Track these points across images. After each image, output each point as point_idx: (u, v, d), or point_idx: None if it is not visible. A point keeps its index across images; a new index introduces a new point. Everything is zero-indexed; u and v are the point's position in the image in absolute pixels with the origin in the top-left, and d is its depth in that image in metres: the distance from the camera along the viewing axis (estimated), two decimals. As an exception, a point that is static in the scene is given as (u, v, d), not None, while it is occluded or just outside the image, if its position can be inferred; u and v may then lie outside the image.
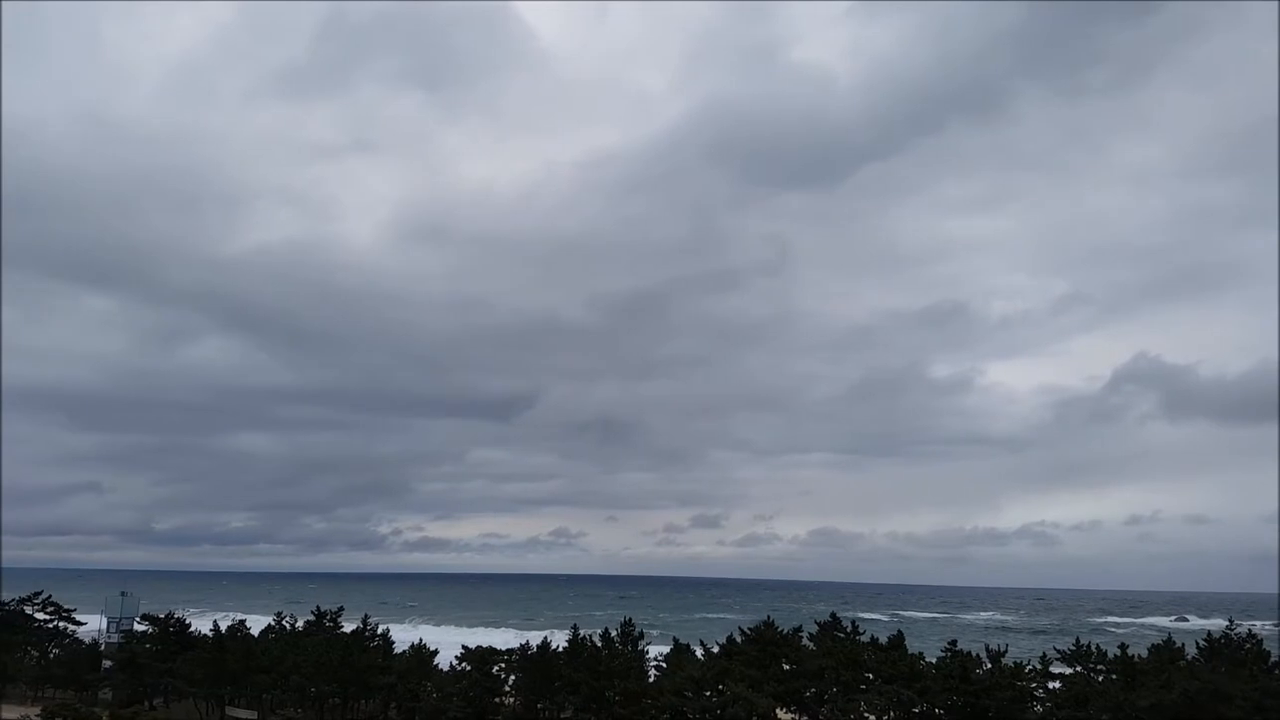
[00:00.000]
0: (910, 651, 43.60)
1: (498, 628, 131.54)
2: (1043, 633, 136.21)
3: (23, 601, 69.28)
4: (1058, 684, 39.97)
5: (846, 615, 51.67)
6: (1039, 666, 41.02)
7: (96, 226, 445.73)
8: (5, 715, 49.21)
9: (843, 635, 46.07)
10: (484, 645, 49.46)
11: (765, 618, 47.08)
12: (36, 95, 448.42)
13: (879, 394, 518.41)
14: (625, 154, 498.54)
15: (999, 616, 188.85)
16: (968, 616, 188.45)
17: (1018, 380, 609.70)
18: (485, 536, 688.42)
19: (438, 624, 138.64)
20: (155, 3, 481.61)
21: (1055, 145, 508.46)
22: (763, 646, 43.58)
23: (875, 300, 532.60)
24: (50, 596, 70.60)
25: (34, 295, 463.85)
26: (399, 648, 52.67)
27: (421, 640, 52.94)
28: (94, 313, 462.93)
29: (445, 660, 51.06)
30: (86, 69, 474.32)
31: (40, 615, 68.63)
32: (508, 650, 48.47)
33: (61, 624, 68.61)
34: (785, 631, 45.38)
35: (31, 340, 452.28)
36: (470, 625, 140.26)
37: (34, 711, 49.40)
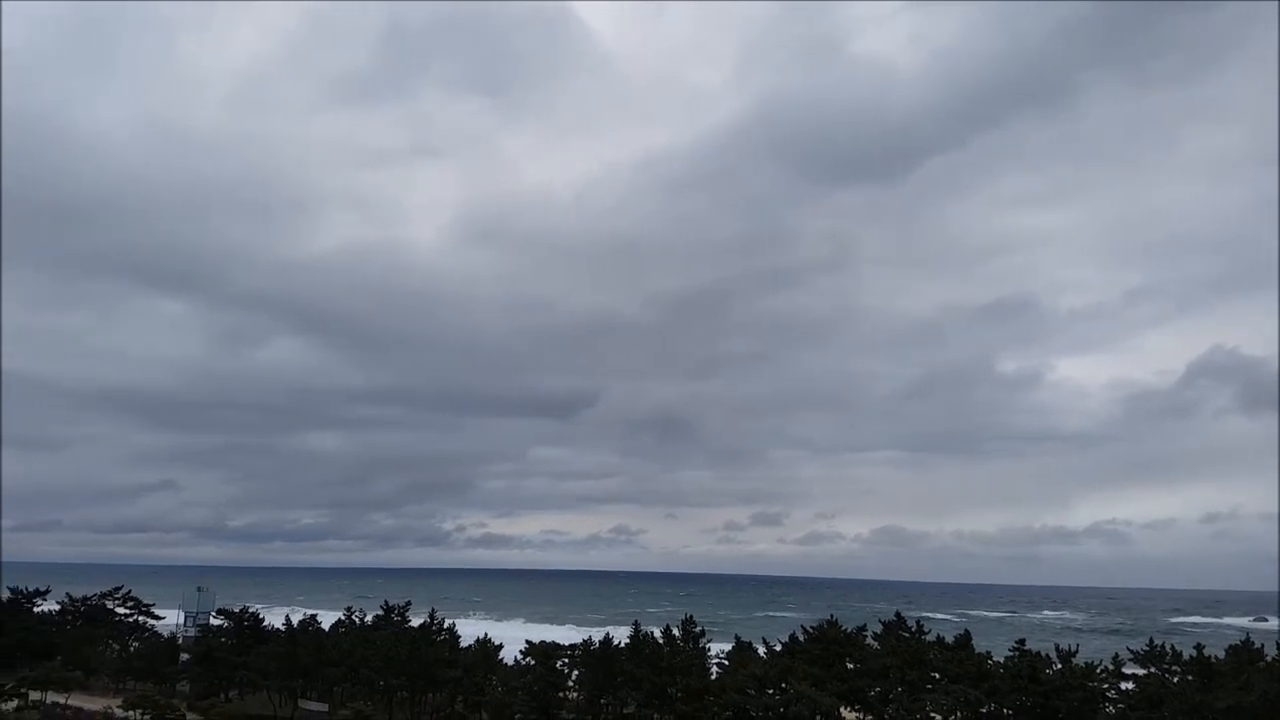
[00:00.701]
0: (977, 651, 42.97)
1: (560, 624, 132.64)
2: (1114, 633, 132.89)
3: (104, 596, 71.82)
4: (1131, 685, 39.06)
5: (911, 614, 51.05)
6: (1111, 667, 40.14)
7: (169, 233, 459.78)
8: (88, 706, 50.95)
9: (908, 634, 45.57)
10: (547, 640, 50.03)
11: (828, 616, 46.77)
12: (110, 107, 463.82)
13: (944, 390, 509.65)
14: (682, 152, 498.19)
15: (1068, 616, 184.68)
16: (1036, 616, 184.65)
17: (1088, 375, 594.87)
18: (547, 533, 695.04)
19: (501, 619, 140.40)
20: (223, 15, 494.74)
21: (1123, 136, 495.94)
22: (826, 645, 43.34)
23: (939, 295, 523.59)
24: (130, 592, 73.09)
25: (110, 300, 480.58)
26: (464, 642, 53.50)
27: (486, 635, 53.63)
28: (168, 316, 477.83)
29: (510, 655, 51.72)
30: (157, 80, 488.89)
31: (121, 610, 71.10)
32: (571, 646, 48.89)
33: (141, 618, 71.01)
34: (849, 630, 45.05)
35: (108, 343, 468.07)
36: (533, 620, 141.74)
37: (115, 703, 51.18)
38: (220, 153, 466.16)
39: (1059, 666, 39.89)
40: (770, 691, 40.39)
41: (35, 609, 68.67)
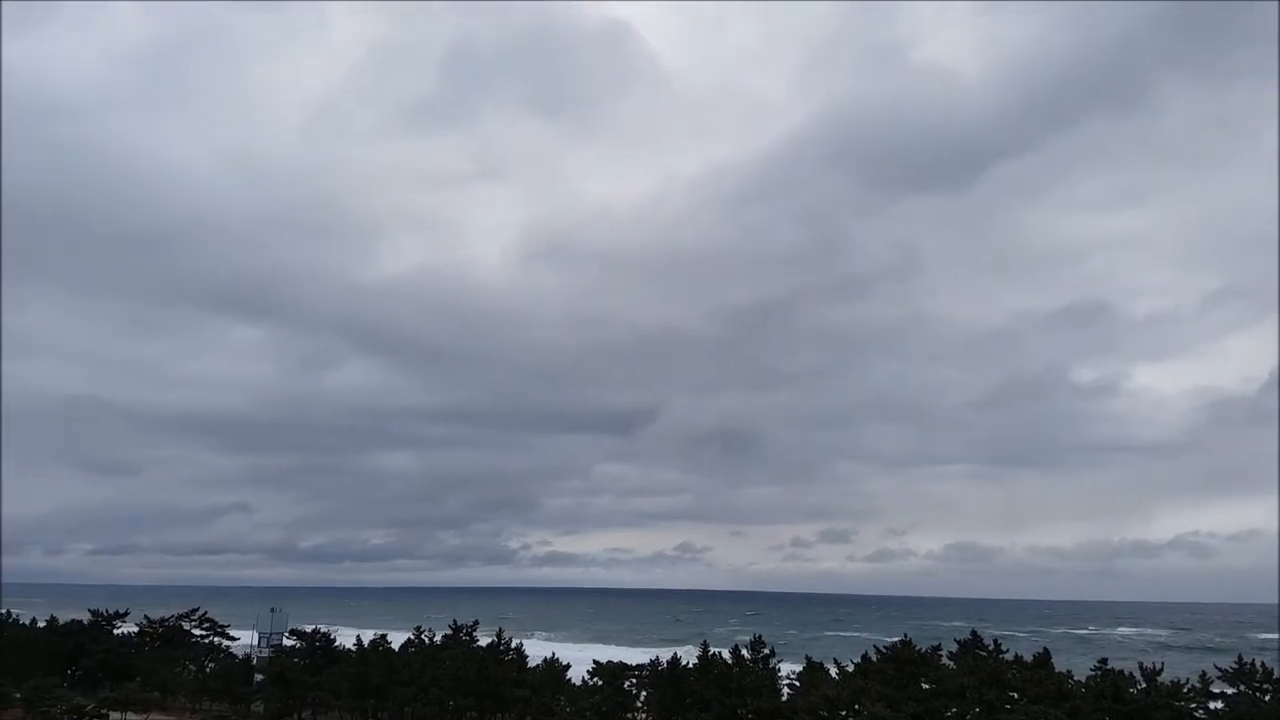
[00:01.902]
0: (1057, 670, 41.50)
1: (626, 643, 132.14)
2: (1200, 650, 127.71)
3: (181, 618, 73.45)
4: (1219, 704, 37.42)
5: (987, 632, 49.57)
6: (1199, 685, 38.39)
7: (244, 260, 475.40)
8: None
9: (985, 653, 44.20)
10: (615, 660, 49.74)
11: (902, 635, 45.57)
12: (185, 139, 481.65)
13: (1017, 400, 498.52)
14: (744, 164, 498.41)
15: (1150, 632, 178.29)
16: (1117, 633, 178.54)
17: (1167, 383, 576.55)
18: (611, 551, 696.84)
19: (567, 638, 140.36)
20: (292, 47, 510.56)
21: (1201, 134, 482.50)
22: (900, 665, 42.19)
23: (1011, 302, 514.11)
24: (206, 613, 74.68)
25: (188, 327, 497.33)
26: (531, 662, 53.42)
27: (554, 654, 53.53)
28: (243, 342, 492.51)
29: (577, 675, 51.52)
30: (230, 112, 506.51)
31: (197, 631, 72.59)
32: (638, 666, 48.53)
33: (217, 639, 72.39)
34: (923, 649, 43.84)
35: (185, 370, 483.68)
36: (598, 640, 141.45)
37: (194, 721, 52.23)
38: (292, 180, 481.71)
39: (1143, 685, 38.30)
40: (843, 713, 39.55)
41: (115, 631, 70.46)
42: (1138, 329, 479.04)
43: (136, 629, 71.89)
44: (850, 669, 44.28)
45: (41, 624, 74.84)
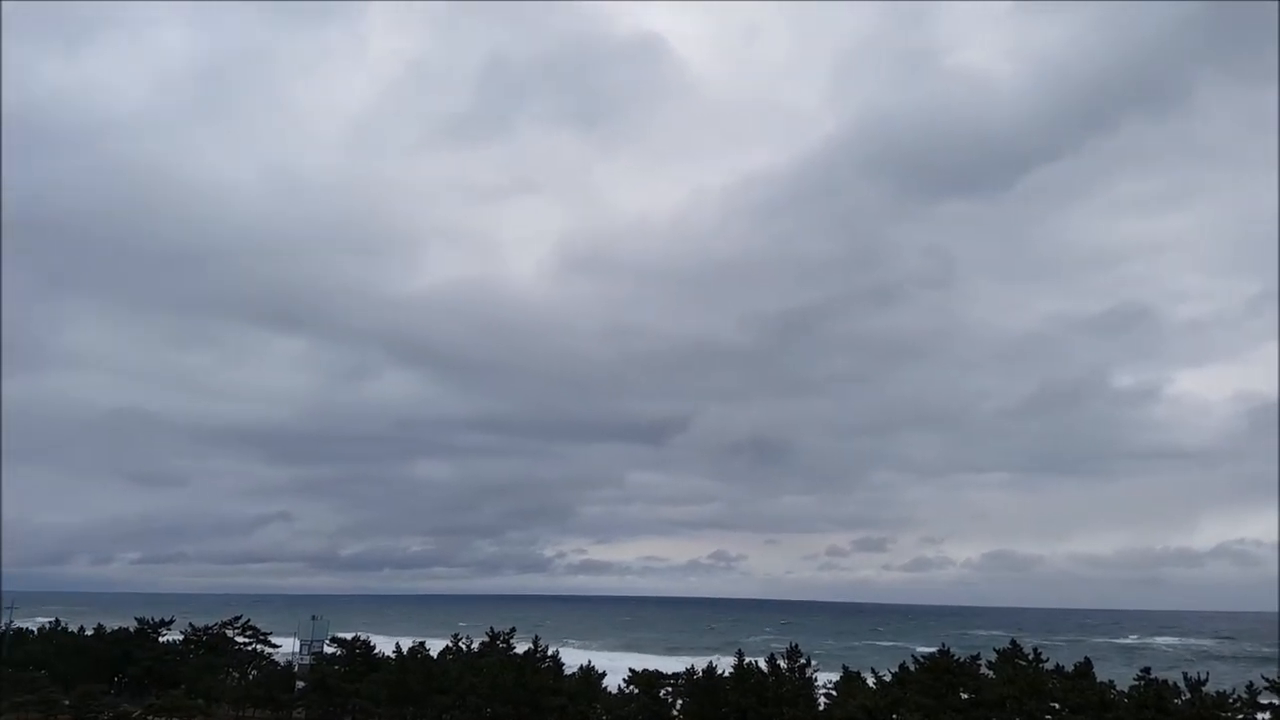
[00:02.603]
0: (1099, 679, 41.03)
1: (659, 652, 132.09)
2: (1247, 659, 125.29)
3: (224, 626, 74.46)
4: (1266, 715, 36.69)
5: (1026, 641, 49.06)
6: (1245, 696, 37.74)
7: (286, 274, 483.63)
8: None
9: (1024, 662, 43.81)
10: (650, 669, 49.91)
11: (940, 644, 45.32)
12: (229, 157, 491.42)
13: (1056, 407, 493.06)
14: (777, 173, 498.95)
15: (1194, 642, 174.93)
16: (1160, 642, 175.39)
17: (1210, 388, 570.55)
18: (646, 559, 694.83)
19: (602, 646, 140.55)
20: (331, 64, 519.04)
21: (1243, 135, 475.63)
22: (938, 674, 41.95)
23: (1049, 308, 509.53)
24: (248, 621, 75.68)
25: (231, 340, 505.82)
26: (567, 670, 53.70)
27: (590, 663, 53.79)
28: (285, 354, 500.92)
29: (612, 683, 51.74)
30: (271, 129, 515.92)
31: (240, 639, 73.59)
32: (673, 674, 48.64)
33: (259, 647, 73.34)
34: (962, 659, 43.56)
35: (229, 382, 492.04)
36: (633, 649, 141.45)
37: (238, 728, 53.08)
38: (332, 196, 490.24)
39: (1188, 696, 37.72)
40: (881, 722, 39.39)
41: (161, 638, 71.60)
42: (1179, 333, 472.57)
43: (181, 637, 72.93)
44: (888, 678, 44.11)
45: (89, 632, 76.38)
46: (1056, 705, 39.04)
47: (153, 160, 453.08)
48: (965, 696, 41.04)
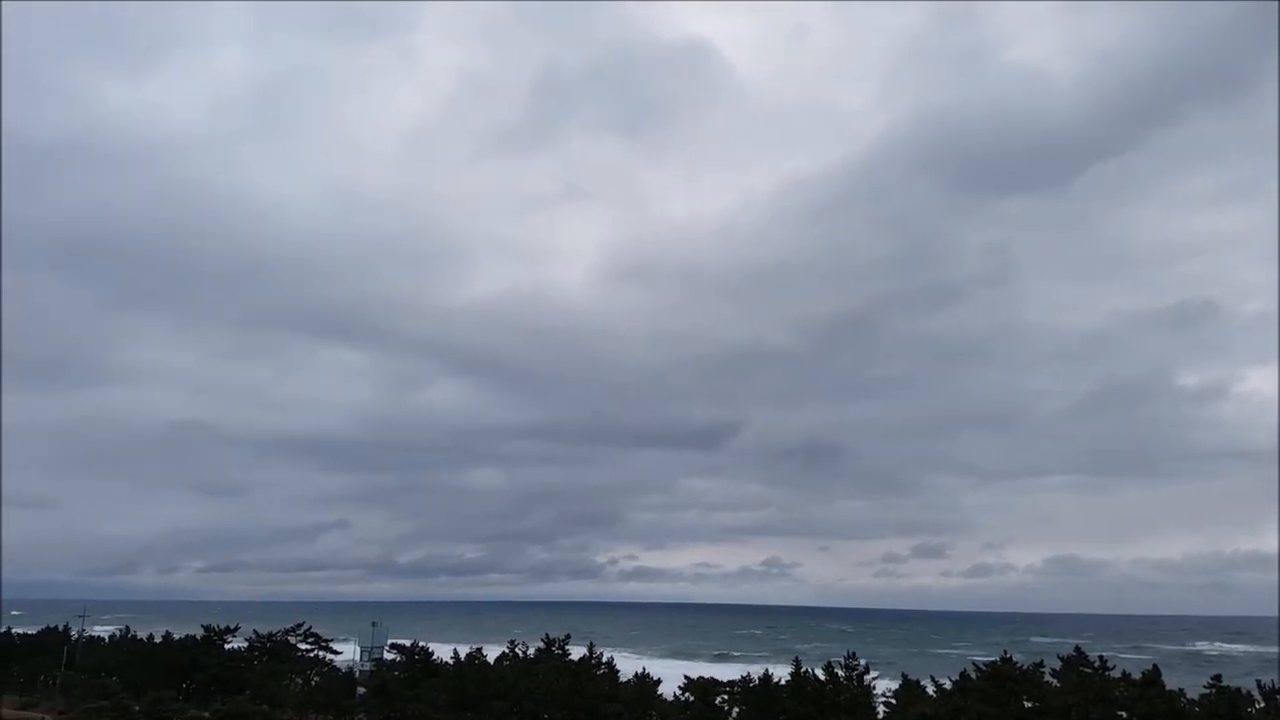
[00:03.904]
0: (1168, 687, 39.89)
1: (713, 660, 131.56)
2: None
3: (287, 632, 75.87)
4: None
5: (1091, 648, 47.93)
6: (1325, 706, 36.50)
7: (342, 287, 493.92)
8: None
9: (1090, 670, 42.79)
10: (705, 676, 49.72)
11: (1001, 652, 44.45)
12: (285, 174, 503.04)
13: (1120, 407, 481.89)
14: (828, 174, 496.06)
15: (1267, 649, 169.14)
16: (1231, 649, 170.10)
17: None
18: (698, 566, 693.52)
19: (656, 654, 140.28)
20: (384, 80, 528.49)
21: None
22: (1000, 682, 41.15)
23: (1111, 305, 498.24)
24: (310, 627, 77.04)
25: (289, 353, 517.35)
26: (621, 676, 53.67)
27: (645, 670, 53.76)
28: (342, 365, 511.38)
29: (667, 690, 51.62)
30: (328, 145, 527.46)
31: (302, 645, 74.92)
32: (729, 682, 48.40)
33: (321, 653, 74.57)
34: (1024, 666, 42.68)
35: (288, 393, 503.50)
36: (685, 656, 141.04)
37: (301, 733, 54.04)
38: (387, 210, 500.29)
39: (1262, 705, 36.59)
40: (941, 731, 38.78)
41: (226, 645, 73.22)
42: (1246, 329, 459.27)
43: (245, 644, 74.54)
44: (948, 686, 43.42)
45: (158, 639, 78.36)
46: (1124, 714, 38.08)
47: (211, 178, 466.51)
48: (1028, 705, 40.25)
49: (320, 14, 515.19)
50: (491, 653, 61.59)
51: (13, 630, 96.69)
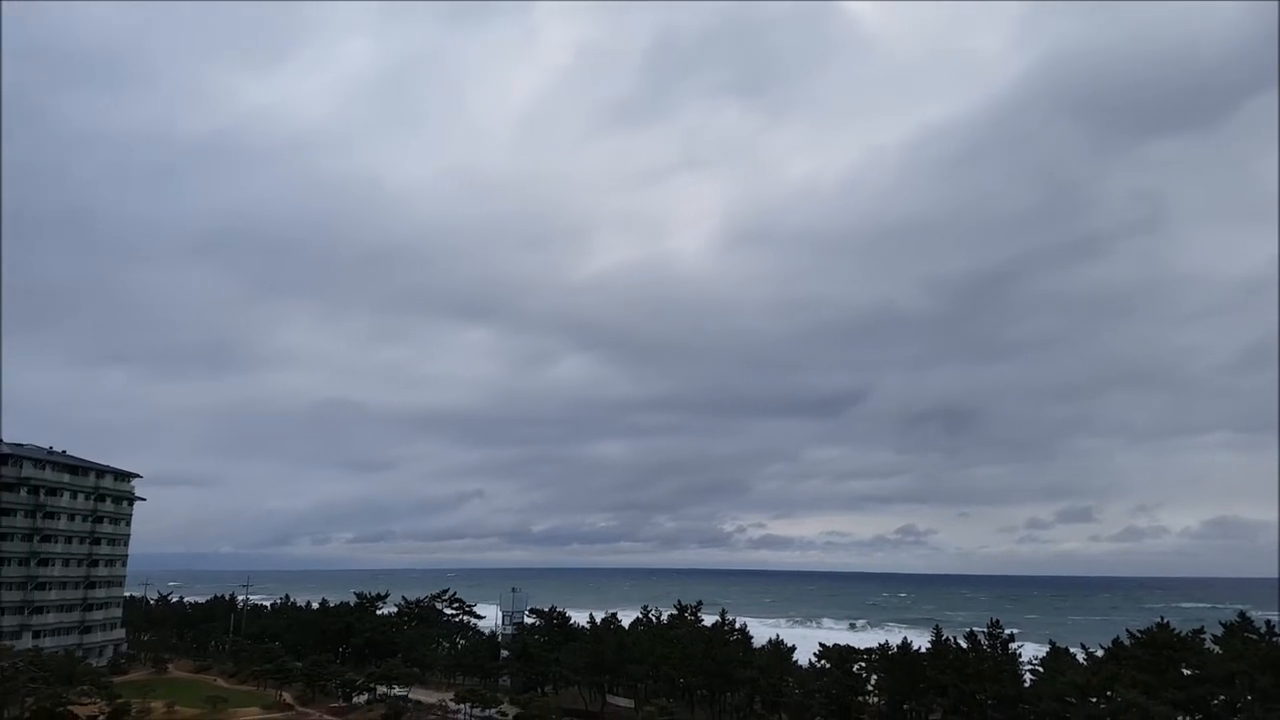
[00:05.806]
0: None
1: (843, 627, 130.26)
2: None
3: (434, 599, 79.33)
4: None
5: (1256, 614, 45.02)
6: None
7: (471, 268, 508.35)
8: (425, 699, 56.46)
9: (1255, 636, 40.30)
10: (841, 644, 49.28)
11: (1158, 618, 42.29)
12: (411, 161, 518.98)
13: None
14: (959, 126, 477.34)
15: None
16: None
17: None
18: (828, 534, 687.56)
19: (787, 621, 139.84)
20: (501, 61, 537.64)
21: None
22: (1157, 650, 39.25)
23: (1270, 251, 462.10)
24: (455, 594, 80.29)
25: (426, 333, 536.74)
26: (754, 643, 53.75)
27: (779, 636, 53.72)
28: (475, 344, 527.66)
29: (802, 657, 51.45)
30: (451, 132, 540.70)
31: (448, 610, 78.21)
32: (867, 650, 47.85)
33: (465, 618, 77.69)
34: (1182, 633, 40.55)
35: (426, 372, 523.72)
36: (815, 621, 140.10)
37: (448, 695, 56.43)
38: (507, 190, 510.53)
39: None
40: (1094, 700, 37.36)
41: (378, 611, 77.13)
42: None
43: (395, 609, 78.34)
44: (1100, 654, 41.74)
45: (315, 606, 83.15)
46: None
47: (344, 168, 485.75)
48: (1187, 672, 38.28)
49: (440, 1, 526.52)
50: (626, 618, 62.74)
51: (184, 599, 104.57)
